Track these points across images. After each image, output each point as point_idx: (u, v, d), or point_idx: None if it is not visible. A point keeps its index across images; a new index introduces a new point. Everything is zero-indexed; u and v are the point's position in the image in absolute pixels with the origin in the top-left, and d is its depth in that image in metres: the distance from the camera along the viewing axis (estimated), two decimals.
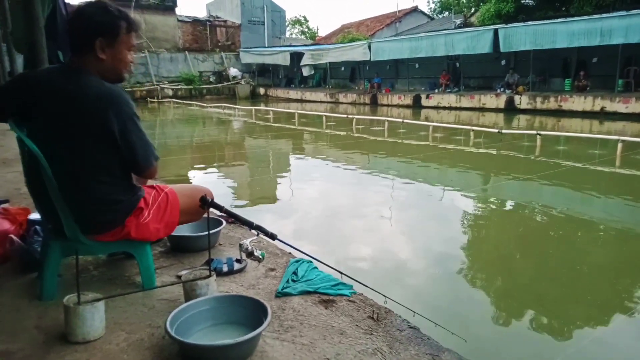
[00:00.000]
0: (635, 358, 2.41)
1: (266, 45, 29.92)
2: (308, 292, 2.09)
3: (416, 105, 18.74)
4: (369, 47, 21.03)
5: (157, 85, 25.24)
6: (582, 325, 2.75)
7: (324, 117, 13.19)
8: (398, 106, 19.38)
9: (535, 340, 2.60)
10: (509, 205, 5.41)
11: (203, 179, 6.80)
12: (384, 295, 2.05)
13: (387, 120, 11.52)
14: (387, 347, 1.70)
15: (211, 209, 2.00)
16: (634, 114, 13.03)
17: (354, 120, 12.09)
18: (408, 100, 19.25)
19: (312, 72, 26.23)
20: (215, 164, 8.09)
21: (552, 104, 14.96)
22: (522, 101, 15.71)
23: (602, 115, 13.61)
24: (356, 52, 21.68)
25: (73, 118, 1.70)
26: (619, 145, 7.45)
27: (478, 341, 2.40)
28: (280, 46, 28.68)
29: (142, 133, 1.78)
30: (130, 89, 24.12)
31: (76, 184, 1.76)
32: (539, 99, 15.28)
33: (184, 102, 22.45)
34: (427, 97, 18.66)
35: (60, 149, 1.73)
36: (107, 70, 1.78)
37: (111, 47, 1.75)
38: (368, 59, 21.22)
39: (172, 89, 25.55)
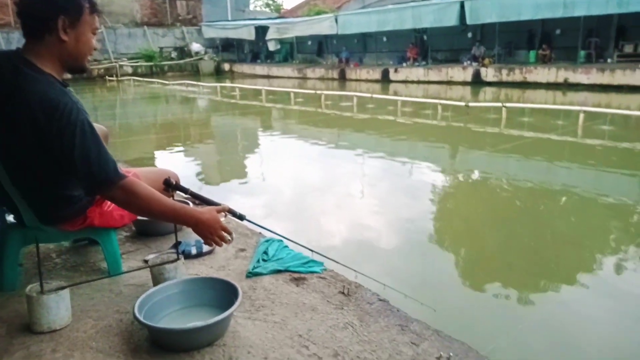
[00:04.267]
0: (594, 318, 2.53)
1: (229, 19, 29.12)
2: (279, 271, 2.09)
3: (385, 80, 18.73)
4: (336, 20, 20.77)
5: (115, 62, 24.28)
6: (547, 292, 2.86)
7: (292, 94, 13.04)
8: (367, 81, 19.32)
9: (503, 307, 2.69)
10: (476, 177, 5.52)
11: (169, 160, 6.66)
12: (354, 270, 2.07)
13: (356, 96, 11.49)
14: (358, 321, 1.72)
15: (177, 192, 1.96)
16: (595, 84, 13.40)
17: (323, 96, 12.00)
18: (376, 74, 19.21)
19: (279, 46, 25.74)
20: (180, 145, 7.92)
21: (517, 76, 15.21)
22: (489, 74, 15.91)
23: (565, 87, 13.94)
24: (323, 26, 21.38)
25: (14, 115, 1.51)
26: (581, 115, 7.67)
27: (447, 310, 2.46)
28: (245, 20, 27.94)
29: (92, 145, 1.51)
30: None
31: (29, 181, 1.66)
32: (504, 71, 15.50)
33: (145, 79, 21.71)
34: (396, 71, 18.66)
35: (6, 146, 1.58)
36: (69, 55, 1.60)
37: (74, 27, 1.56)
38: (335, 32, 20.98)
39: (132, 66, 24.63)
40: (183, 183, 1.99)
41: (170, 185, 1.87)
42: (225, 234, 1.67)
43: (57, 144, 1.50)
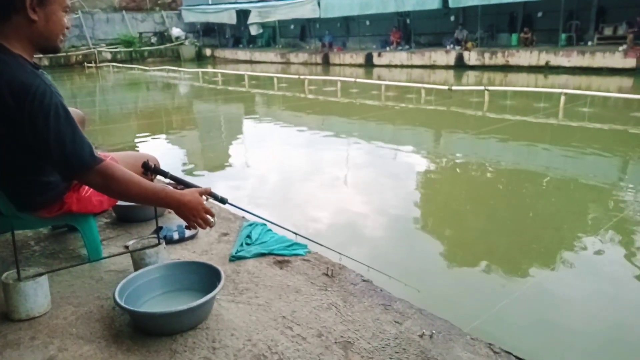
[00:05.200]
0: (572, 296, 2.58)
1: (210, 3, 28.55)
2: (262, 255, 2.08)
3: (368, 64, 18.64)
4: (319, 4, 20.53)
5: (93, 48, 23.70)
6: (527, 271, 2.90)
7: (275, 79, 12.92)
8: (350, 65, 19.22)
9: (485, 286, 2.74)
10: (459, 161, 5.55)
11: (151, 147, 6.56)
12: (338, 253, 2.07)
13: (340, 80, 11.43)
14: (342, 301, 1.73)
15: (158, 176, 1.93)
16: (575, 67, 13.53)
17: (306, 81, 11.92)
18: (360, 59, 19.11)
19: (261, 30, 25.37)
20: (163, 131, 7.80)
21: (499, 59, 15.27)
22: (471, 57, 15.94)
23: (547, 70, 14.05)
24: (305, 9, 21.11)
25: None
26: (562, 98, 7.75)
27: (431, 291, 2.48)
28: (225, 3, 27.41)
29: (66, 129, 1.45)
30: (65, 54, 22.59)
31: (2, 168, 1.59)
32: (487, 55, 15.55)
33: (125, 65, 21.25)
34: (379, 55, 18.58)
35: None
36: (40, 35, 1.51)
37: (43, 5, 1.47)
38: (318, 16, 20.76)
39: (111, 52, 24.05)
40: (165, 169, 1.95)
41: (148, 169, 1.83)
42: (208, 217, 1.64)
43: (30, 129, 1.43)
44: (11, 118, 1.44)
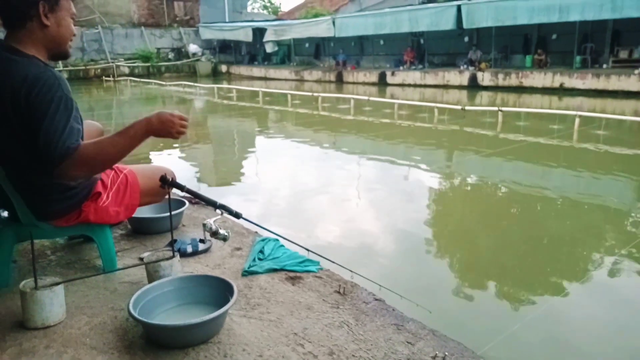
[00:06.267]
0: (587, 320, 2.53)
1: (227, 21, 29.10)
2: (275, 270, 2.09)
3: (381, 83, 18.76)
4: (334, 23, 20.80)
5: (112, 62, 24.20)
6: (540, 294, 2.86)
7: (289, 96, 13.04)
8: (363, 83, 19.35)
9: (497, 308, 2.70)
10: (471, 180, 5.53)
11: (165, 160, 6.64)
12: (350, 270, 2.07)
13: (353, 98, 11.50)
14: (354, 320, 1.72)
15: (173, 190, 1.95)
16: (590, 89, 13.47)
17: (320, 98, 12.01)
18: (373, 77, 19.24)
19: (276, 48, 25.74)
20: (177, 145, 7.89)
21: (513, 80, 15.27)
22: (485, 78, 15.97)
23: (561, 91, 14.01)
24: (320, 28, 21.40)
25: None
26: (577, 120, 7.70)
27: (443, 312, 2.46)
28: (242, 21, 27.93)
29: (62, 118, 1.51)
30: (84, 67, 23.12)
31: (21, 172, 1.65)
32: (500, 76, 15.56)
33: (142, 80, 21.66)
34: (392, 74, 18.70)
35: None
36: (52, 39, 1.64)
37: (53, 12, 1.62)
38: (332, 35, 21.01)
39: (129, 67, 24.55)
40: (179, 181, 1.98)
41: (166, 182, 1.86)
42: (183, 122, 1.68)
43: (27, 112, 1.51)
44: (22, 112, 1.51)
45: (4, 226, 1.83)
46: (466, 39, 18.95)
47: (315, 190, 4.95)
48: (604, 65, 14.82)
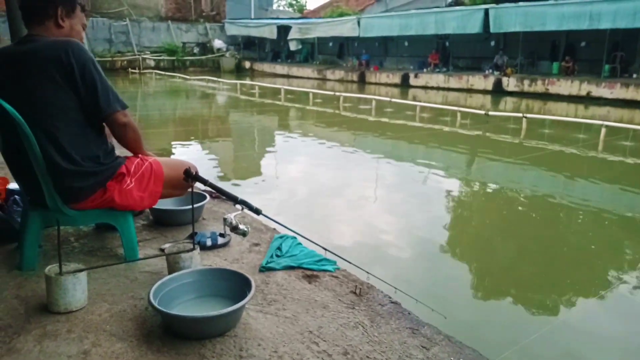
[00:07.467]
0: (604, 334, 2.49)
1: (252, 17, 29.27)
2: (292, 267, 2.10)
3: (404, 84, 18.65)
4: (358, 23, 20.74)
5: (138, 55, 24.57)
6: (558, 305, 2.82)
7: (310, 94, 13.07)
8: (386, 85, 19.27)
9: (513, 318, 2.67)
10: (492, 187, 5.47)
11: (186, 153, 6.73)
12: (366, 272, 2.07)
13: (375, 99, 11.47)
14: (369, 321, 1.72)
15: (196, 184, 1.98)
16: (618, 99, 13.17)
17: (341, 98, 12.01)
18: (396, 79, 19.14)
19: (300, 46, 25.78)
20: (199, 139, 7.99)
21: (539, 87, 15.03)
22: (510, 83, 15.75)
23: (588, 100, 13.73)
24: (345, 28, 21.37)
25: (31, 67, 1.72)
26: (603, 130, 7.54)
27: (458, 318, 2.44)
28: (267, 18, 28.07)
29: (103, 78, 1.80)
30: (110, 59, 23.51)
31: (51, 142, 1.74)
32: (526, 82, 15.32)
33: (167, 73, 21.95)
34: (416, 76, 18.57)
35: (27, 107, 1.71)
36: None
37: (69, 17, 1.86)
38: (357, 35, 20.96)
39: (154, 60, 24.91)
40: (204, 177, 2.01)
41: (190, 176, 1.89)
42: None
43: (75, 68, 1.73)
44: (57, 61, 1.72)
45: (31, 211, 1.89)
46: (492, 43, 18.69)
47: (333, 190, 4.96)
48: (634, 75, 14.46)
